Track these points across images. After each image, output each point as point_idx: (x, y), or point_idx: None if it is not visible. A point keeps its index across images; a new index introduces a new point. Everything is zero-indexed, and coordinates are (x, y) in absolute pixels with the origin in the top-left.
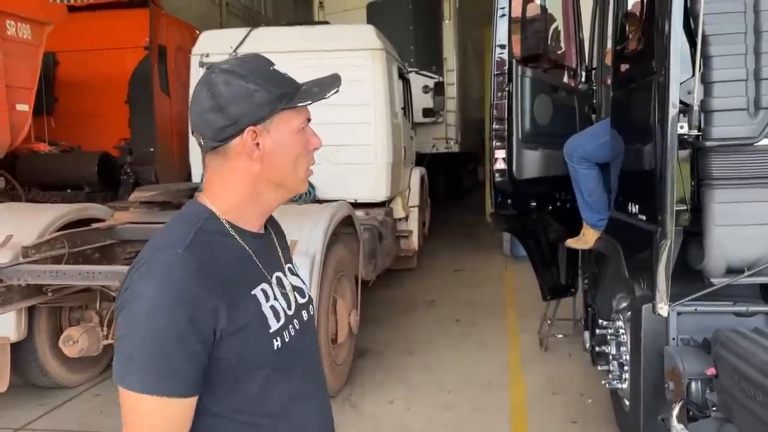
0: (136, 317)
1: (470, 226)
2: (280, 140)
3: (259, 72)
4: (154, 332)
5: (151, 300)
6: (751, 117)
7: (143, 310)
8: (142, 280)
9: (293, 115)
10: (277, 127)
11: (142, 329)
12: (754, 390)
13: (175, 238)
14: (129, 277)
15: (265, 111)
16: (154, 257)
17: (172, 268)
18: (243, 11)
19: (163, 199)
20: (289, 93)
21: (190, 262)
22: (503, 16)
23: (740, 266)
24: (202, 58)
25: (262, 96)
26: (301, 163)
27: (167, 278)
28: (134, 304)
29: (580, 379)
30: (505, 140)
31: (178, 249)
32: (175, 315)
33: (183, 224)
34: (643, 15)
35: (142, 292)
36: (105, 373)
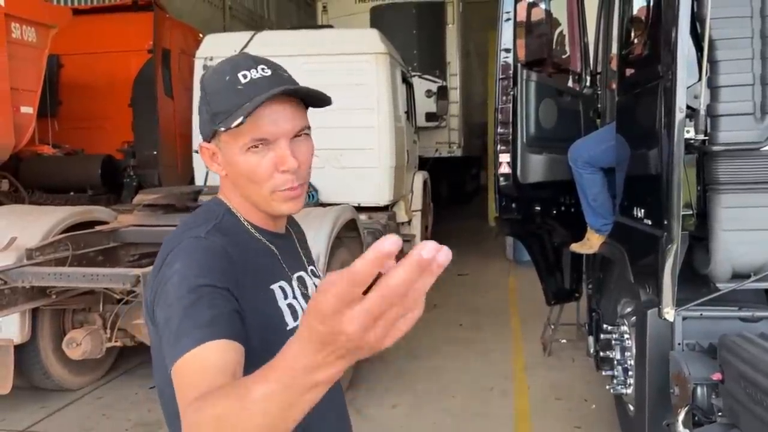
0: (169, 296)
1: (473, 230)
2: (228, 159)
3: (215, 83)
4: (185, 297)
5: (179, 274)
6: (758, 122)
7: (174, 285)
8: (167, 268)
9: (238, 133)
10: (224, 146)
11: (175, 303)
12: (760, 395)
13: (196, 227)
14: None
15: (208, 129)
16: (177, 247)
17: (196, 248)
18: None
19: (166, 202)
20: (228, 108)
21: (212, 242)
22: (508, 20)
23: (746, 271)
24: (206, 62)
25: (204, 113)
26: (259, 184)
27: (192, 255)
28: (165, 287)
29: (584, 384)
30: (509, 144)
31: (200, 233)
32: (202, 278)
33: (200, 218)
34: (649, 19)
35: (169, 274)
36: (108, 376)
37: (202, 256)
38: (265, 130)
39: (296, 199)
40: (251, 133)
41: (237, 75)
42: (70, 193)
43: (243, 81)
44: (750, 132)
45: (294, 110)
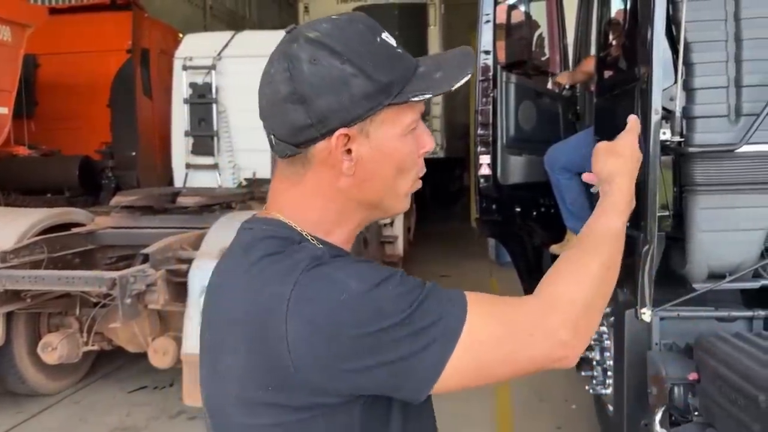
0: (384, 307)
1: (456, 231)
2: (382, 147)
3: (360, 46)
4: (413, 293)
5: (365, 285)
6: (732, 123)
7: (382, 301)
8: (320, 294)
9: (405, 110)
10: (380, 128)
11: (411, 306)
12: (735, 395)
13: (299, 259)
14: (279, 310)
15: (363, 107)
16: (300, 276)
17: (346, 264)
18: (227, 15)
19: (144, 204)
20: (400, 79)
21: (351, 259)
22: (488, 22)
23: (722, 271)
24: (186, 62)
25: (361, 84)
26: (406, 175)
27: (349, 267)
28: (362, 305)
29: (565, 384)
30: (489, 145)
31: (315, 256)
32: (399, 279)
33: (285, 246)
34: (626, 22)
35: (350, 292)
36: (85, 380)
37: (361, 264)
38: (422, 108)
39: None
40: (417, 111)
41: (382, 37)
42: (47, 194)
43: (393, 44)
44: (725, 134)
45: None
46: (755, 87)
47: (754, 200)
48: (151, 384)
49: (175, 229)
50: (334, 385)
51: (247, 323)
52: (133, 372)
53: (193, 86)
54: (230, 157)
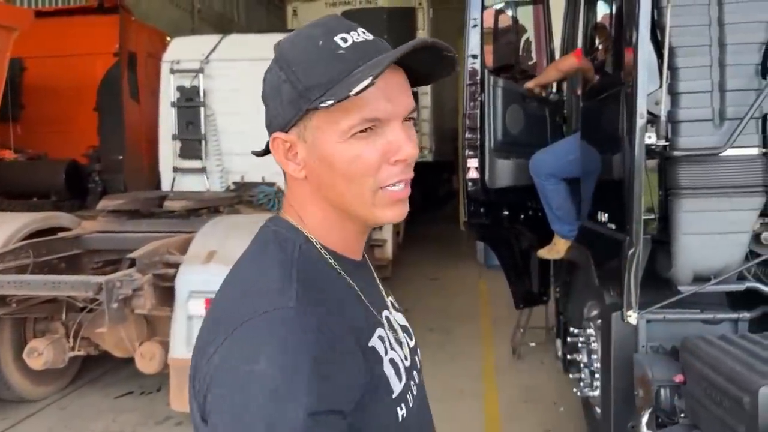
0: (245, 413)
1: (445, 234)
2: (318, 153)
3: (300, 51)
4: (284, 423)
5: (267, 384)
6: (717, 127)
7: (256, 401)
8: (243, 350)
9: (337, 115)
10: (315, 134)
11: (261, 423)
12: (720, 396)
13: (277, 282)
14: (216, 337)
15: (290, 112)
16: (256, 316)
17: (289, 333)
18: (215, 18)
19: (131, 208)
20: (325, 83)
21: (309, 320)
22: (475, 27)
23: (707, 274)
24: (173, 65)
25: (288, 90)
26: (367, 184)
27: (283, 348)
28: (242, 390)
29: (553, 387)
30: (477, 149)
31: (288, 302)
32: (310, 394)
33: (275, 255)
34: (612, 27)
35: (251, 372)
36: (71, 386)
37: (302, 352)
38: (379, 108)
39: (404, 200)
40: (360, 112)
41: (333, 39)
42: (33, 198)
43: (344, 45)
44: (709, 137)
45: (406, 83)
46: (739, 91)
47: (738, 203)
48: (138, 389)
49: (162, 233)
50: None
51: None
52: (120, 377)
53: (181, 89)
54: (218, 160)
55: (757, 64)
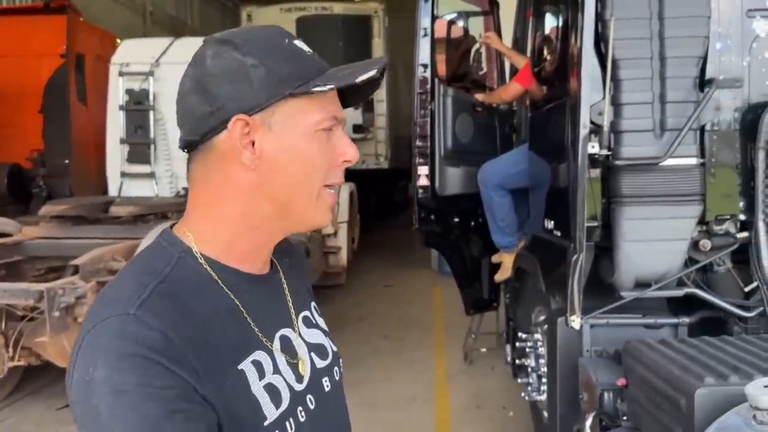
0: (100, 418)
1: (400, 242)
2: (285, 142)
3: (265, 44)
4: (134, 426)
5: (108, 386)
6: (657, 138)
7: (104, 403)
8: (85, 360)
9: (311, 108)
10: (285, 121)
11: (116, 422)
12: (660, 399)
13: (128, 292)
14: (73, 354)
15: (262, 96)
16: (97, 324)
17: (121, 338)
18: (168, 21)
19: (75, 214)
20: (303, 74)
21: (144, 324)
22: (425, 36)
23: (648, 280)
24: (122, 68)
25: (260, 75)
26: (318, 179)
27: (117, 352)
28: (90, 399)
29: (503, 392)
30: (428, 157)
31: (128, 309)
32: (147, 384)
33: (144, 268)
34: (558, 39)
35: (92, 380)
36: (12, 397)
37: (132, 355)
38: (338, 111)
39: (333, 206)
40: (328, 110)
41: (293, 42)
42: None
43: (305, 50)
44: (650, 147)
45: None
46: (678, 103)
47: (677, 211)
48: None
49: (107, 239)
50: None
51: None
52: (62, 388)
53: (130, 93)
54: (168, 165)
55: (695, 77)
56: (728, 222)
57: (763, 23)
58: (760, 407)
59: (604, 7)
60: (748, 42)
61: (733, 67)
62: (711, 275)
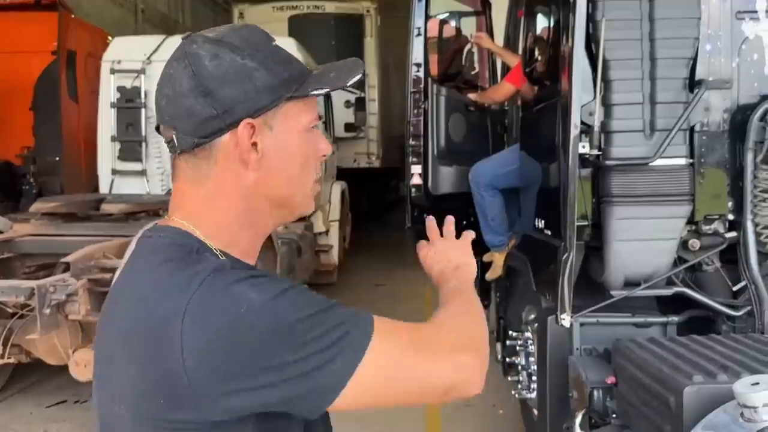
0: (281, 324)
1: (391, 240)
2: (284, 141)
3: (258, 45)
4: (315, 302)
5: (267, 300)
6: (647, 138)
7: (271, 312)
8: (217, 306)
9: (303, 108)
10: (283, 123)
11: (283, 320)
12: (649, 397)
13: (193, 266)
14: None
15: (267, 98)
16: (202, 283)
17: (238, 274)
18: (160, 19)
19: (66, 211)
20: (298, 76)
21: (242, 269)
22: (419, 36)
23: (637, 279)
24: (114, 65)
25: (264, 77)
26: (310, 170)
27: (248, 280)
28: (258, 323)
29: (493, 390)
30: (421, 156)
31: (215, 265)
32: (306, 290)
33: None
34: (549, 39)
35: (247, 311)
36: (1, 395)
37: (261, 277)
38: (318, 110)
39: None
40: (314, 111)
41: (277, 44)
42: None
43: (288, 51)
44: (640, 148)
45: None
46: (668, 104)
47: (666, 211)
48: (72, 398)
49: (98, 237)
50: (229, 402)
51: (141, 335)
52: (52, 386)
53: (122, 90)
54: (159, 163)
55: (685, 78)
56: (717, 222)
57: (752, 25)
58: (748, 405)
59: (595, 8)
60: (737, 44)
61: (722, 69)
62: (700, 274)
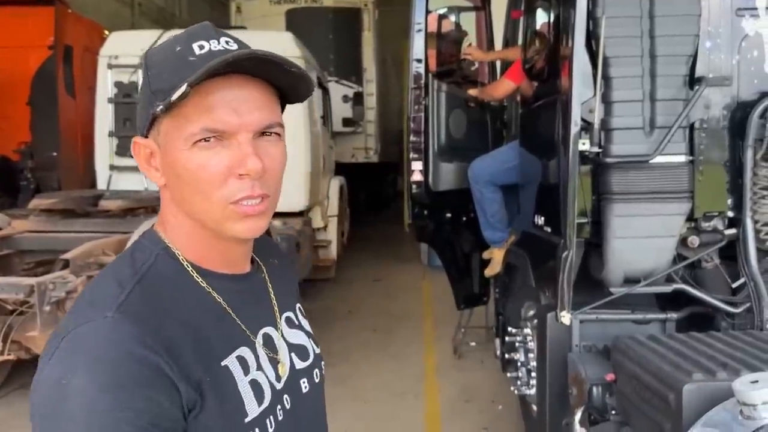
0: (67, 426)
1: (389, 235)
2: (168, 159)
3: (159, 58)
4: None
5: (84, 399)
6: (647, 135)
7: (77, 409)
8: (63, 363)
9: (181, 121)
10: (165, 140)
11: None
12: (648, 394)
13: (105, 295)
14: (47, 353)
15: (143, 117)
16: (75, 329)
17: (101, 341)
18: (156, 12)
19: (64, 207)
20: (170, 88)
21: (124, 328)
22: (419, 31)
23: (637, 276)
24: (111, 60)
25: (142, 95)
26: (215, 196)
27: (97, 359)
28: (63, 404)
29: (492, 386)
30: (422, 152)
31: (106, 312)
32: (124, 407)
33: (123, 268)
34: (549, 35)
35: (68, 385)
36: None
37: (113, 360)
38: (222, 119)
39: (257, 216)
40: (201, 121)
41: (191, 45)
42: None
43: (198, 52)
44: (640, 145)
45: (264, 98)
46: (668, 101)
47: (666, 208)
48: None
49: (97, 233)
50: None
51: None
52: None
53: (119, 85)
54: None
55: (685, 75)
56: (716, 219)
57: (752, 22)
58: (747, 403)
59: (595, 5)
60: (737, 40)
61: (722, 66)
62: (699, 271)
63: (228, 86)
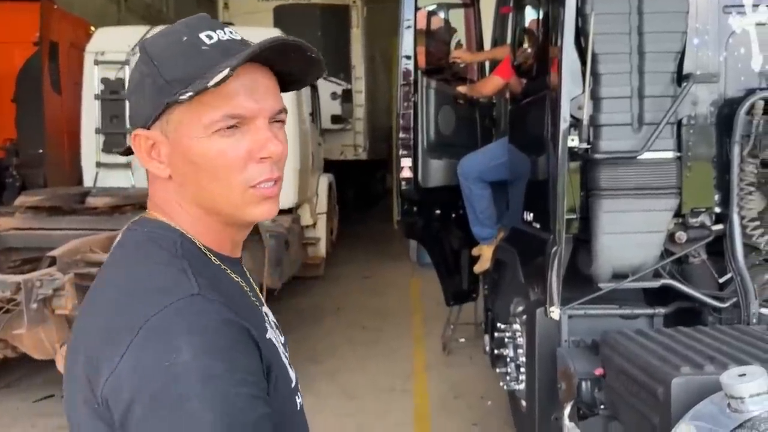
0: (187, 404)
1: (378, 233)
2: (181, 149)
3: (166, 46)
4: (224, 405)
5: (197, 371)
6: (635, 132)
7: (194, 383)
8: (158, 346)
9: (201, 109)
10: (178, 130)
11: (206, 410)
12: (637, 388)
13: (173, 278)
14: (109, 350)
15: (150, 107)
16: (158, 314)
17: (200, 315)
18: (143, 8)
19: (51, 204)
20: (188, 77)
21: (214, 300)
22: (408, 28)
23: (625, 271)
24: (97, 56)
25: (150, 84)
26: (235, 181)
27: (200, 327)
28: (174, 385)
29: (481, 381)
30: (411, 149)
31: (191, 291)
32: (236, 369)
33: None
34: (538, 32)
35: (174, 365)
36: None
37: (216, 330)
38: (243, 105)
39: (274, 198)
40: (223, 109)
41: (198, 36)
42: None
43: (208, 42)
44: (628, 141)
45: (272, 85)
46: (656, 98)
47: (653, 204)
48: (59, 392)
49: (84, 230)
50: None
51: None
52: (39, 381)
53: (105, 82)
54: None
55: (673, 72)
56: (704, 215)
57: (739, 19)
58: (735, 396)
59: (584, 2)
60: (725, 38)
61: (709, 63)
62: (686, 267)
63: (245, 73)
